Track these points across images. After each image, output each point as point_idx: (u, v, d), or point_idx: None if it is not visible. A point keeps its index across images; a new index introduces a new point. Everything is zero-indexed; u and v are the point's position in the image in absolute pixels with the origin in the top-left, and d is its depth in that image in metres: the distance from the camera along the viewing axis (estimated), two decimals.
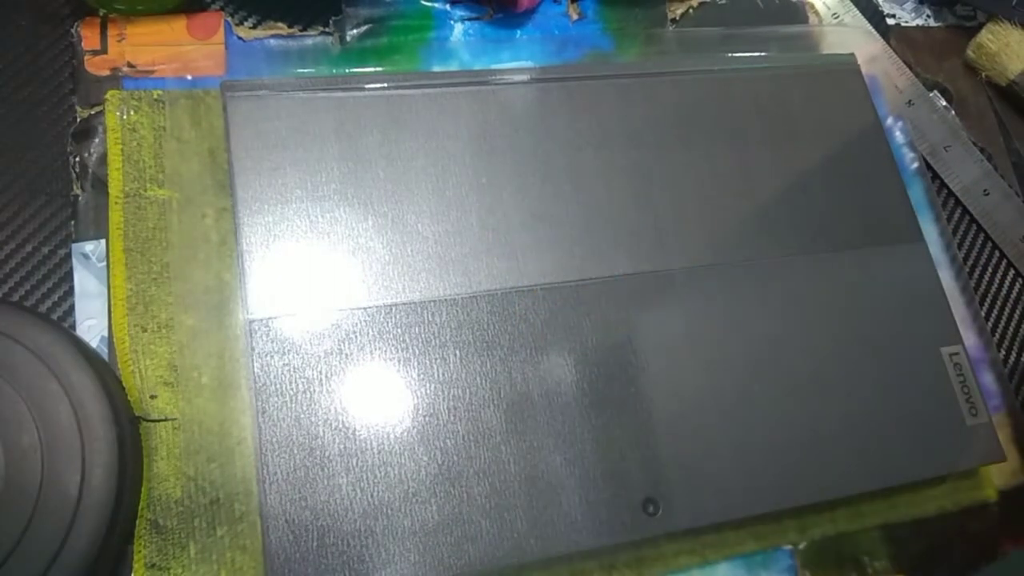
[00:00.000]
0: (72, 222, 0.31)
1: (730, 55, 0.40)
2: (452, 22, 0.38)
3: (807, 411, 0.33)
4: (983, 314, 0.39)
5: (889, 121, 0.42)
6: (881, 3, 0.46)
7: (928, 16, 0.48)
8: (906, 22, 0.47)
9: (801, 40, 0.43)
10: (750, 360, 0.33)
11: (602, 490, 0.30)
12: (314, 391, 0.29)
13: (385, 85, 0.34)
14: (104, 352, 0.29)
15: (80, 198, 0.31)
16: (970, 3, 0.48)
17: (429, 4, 0.38)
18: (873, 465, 0.32)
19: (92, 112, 0.32)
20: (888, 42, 0.44)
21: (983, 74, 0.46)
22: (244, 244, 0.30)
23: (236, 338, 0.30)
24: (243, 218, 0.31)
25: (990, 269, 0.41)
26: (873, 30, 0.44)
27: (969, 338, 0.38)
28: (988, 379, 0.38)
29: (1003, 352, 0.39)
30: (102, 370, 0.27)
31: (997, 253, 0.42)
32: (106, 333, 0.29)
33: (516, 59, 0.38)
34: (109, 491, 0.25)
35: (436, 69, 0.37)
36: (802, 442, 0.32)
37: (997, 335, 0.40)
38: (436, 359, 0.30)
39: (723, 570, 0.31)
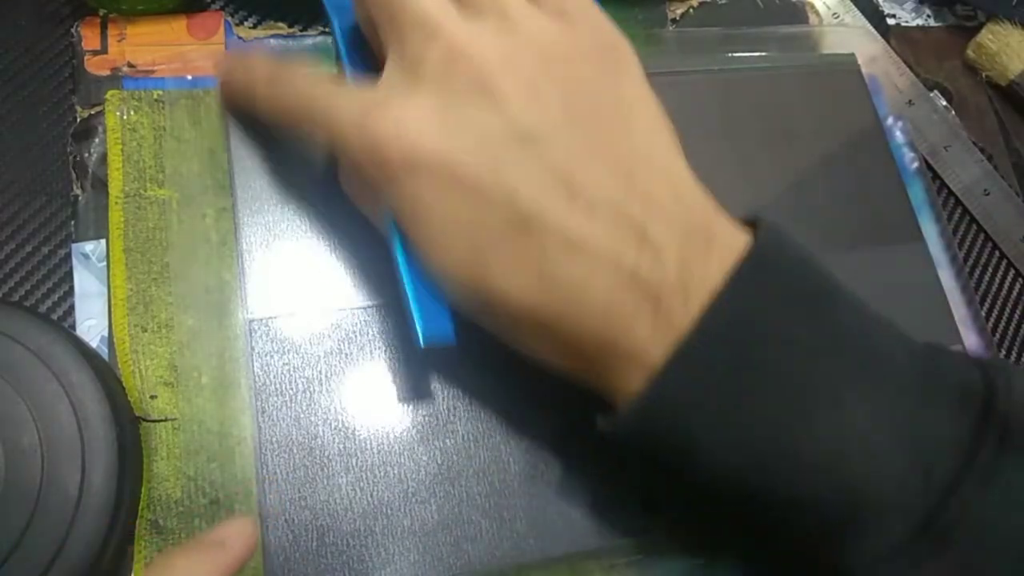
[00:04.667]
0: (72, 222, 0.31)
1: (730, 55, 0.40)
2: None
3: None
4: (983, 314, 0.39)
5: (889, 121, 0.42)
6: (881, 3, 0.46)
7: (928, 16, 0.48)
8: (906, 22, 0.47)
9: (801, 40, 0.43)
10: None
11: (602, 490, 0.30)
12: (314, 391, 0.29)
13: None
14: (104, 352, 0.29)
15: (80, 198, 0.31)
16: (970, 3, 0.48)
17: None
18: None
19: (92, 112, 0.32)
20: (888, 42, 0.44)
21: (983, 74, 0.46)
22: (244, 244, 0.30)
23: (236, 338, 0.30)
24: (243, 218, 0.31)
25: (990, 269, 0.41)
26: (873, 30, 0.44)
27: (969, 338, 0.38)
28: None
29: (1003, 352, 0.39)
30: (102, 370, 0.27)
31: (997, 253, 0.42)
32: (106, 333, 0.29)
33: None
34: (109, 491, 0.25)
35: None
36: None
37: (997, 335, 0.40)
38: (436, 359, 0.30)
39: (723, 570, 0.31)
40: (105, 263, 0.30)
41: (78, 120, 0.32)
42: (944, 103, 0.44)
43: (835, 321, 0.23)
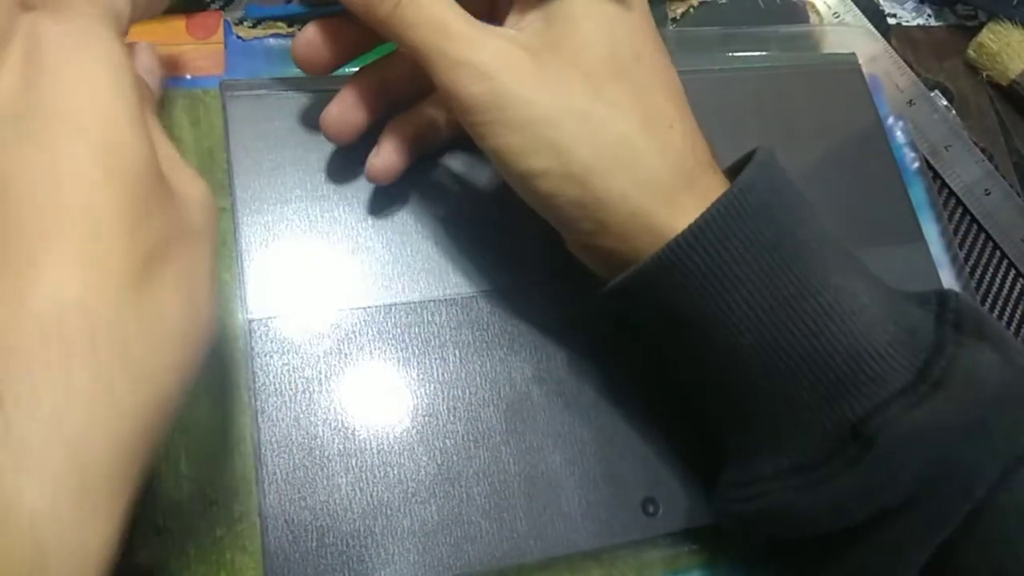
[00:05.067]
0: None
1: (730, 55, 0.40)
2: None
3: None
4: None
5: (890, 121, 0.42)
6: (882, 2, 0.46)
7: (929, 15, 0.48)
8: (907, 21, 0.47)
9: (802, 40, 0.43)
10: None
11: (602, 490, 0.30)
12: (313, 391, 0.29)
13: None
14: None
15: None
16: (971, 3, 0.48)
17: None
18: None
19: None
20: (889, 42, 0.44)
21: (984, 74, 0.46)
22: (243, 244, 0.30)
23: (236, 338, 0.30)
24: (242, 218, 0.31)
25: (991, 269, 0.41)
26: (874, 30, 0.44)
27: None
28: None
29: None
30: None
31: (998, 253, 0.42)
32: None
33: None
34: None
35: None
36: None
37: None
38: (436, 359, 0.30)
39: (723, 570, 0.31)
40: None
41: None
42: (945, 103, 0.44)
43: (822, 221, 0.27)
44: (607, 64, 0.25)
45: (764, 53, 0.41)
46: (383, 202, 0.32)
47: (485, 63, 0.24)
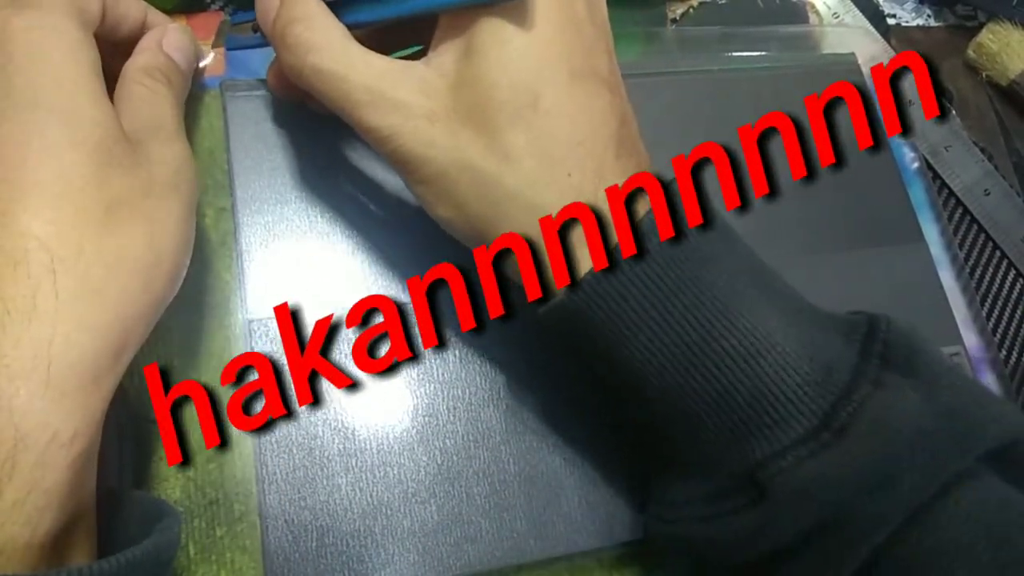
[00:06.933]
0: None
1: (730, 55, 0.40)
2: None
3: None
4: (984, 314, 0.39)
5: None
6: (881, 3, 0.46)
7: (928, 16, 0.48)
8: (906, 22, 0.47)
9: (801, 40, 0.43)
10: None
11: (602, 490, 0.30)
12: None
13: None
14: None
15: None
16: (971, 3, 0.48)
17: None
18: None
19: None
20: (888, 42, 0.44)
21: (984, 74, 0.46)
22: (243, 244, 0.30)
23: (236, 338, 0.30)
24: (242, 218, 0.31)
25: (991, 269, 0.41)
26: (873, 30, 0.44)
27: (970, 338, 0.38)
28: (989, 379, 0.38)
29: (1004, 352, 0.39)
30: None
31: (998, 253, 0.42)
32: None
33: None
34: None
35: None
36: None
37: (998, 335, 0.40)
38: (436, 359, 0.30)
39: (721, 571, 0.31)
40: None
41: None
42: (945, 103, 0.44)
43: (746, 252, 0.26)
44: (504, 110, 0.25)
45: (764, 53, 0.41)
46: (383, 202, 0.32)
47: (385, 127, 0.25)
